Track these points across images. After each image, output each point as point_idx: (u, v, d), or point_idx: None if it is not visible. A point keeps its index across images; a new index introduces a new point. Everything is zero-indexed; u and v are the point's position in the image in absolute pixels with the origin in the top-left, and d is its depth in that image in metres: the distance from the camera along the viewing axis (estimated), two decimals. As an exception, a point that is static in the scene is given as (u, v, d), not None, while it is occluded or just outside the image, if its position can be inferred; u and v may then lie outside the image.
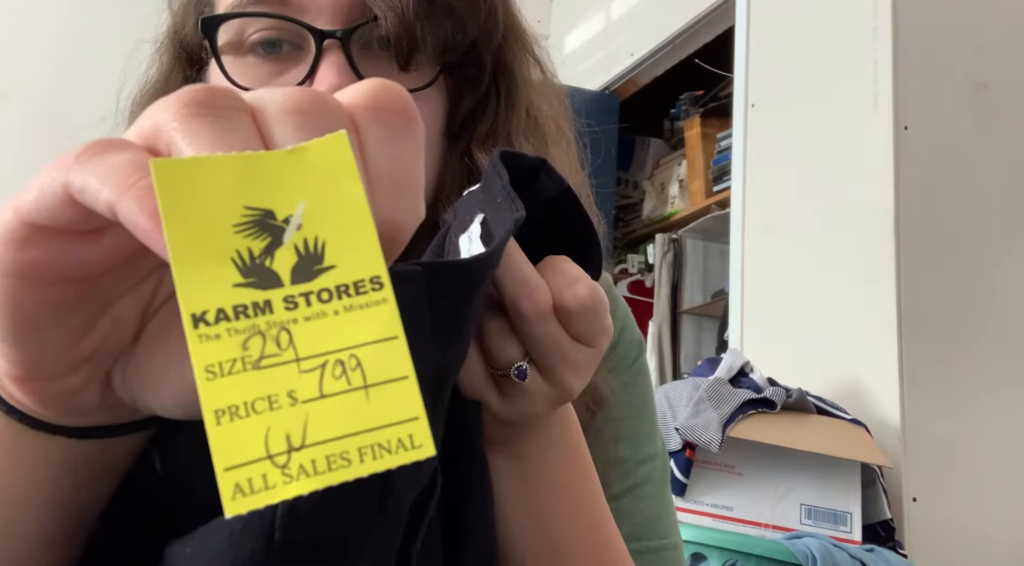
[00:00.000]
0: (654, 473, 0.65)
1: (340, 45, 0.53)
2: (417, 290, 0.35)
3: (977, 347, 1.83)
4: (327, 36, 0.53)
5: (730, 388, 1.57)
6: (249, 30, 0.55)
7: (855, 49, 1.95)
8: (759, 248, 2.12)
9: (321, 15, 0.54)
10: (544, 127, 0.62)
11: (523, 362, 0.42)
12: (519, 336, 0.42)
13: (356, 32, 0.54)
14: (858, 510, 1.54)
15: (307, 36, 0.54)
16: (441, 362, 0.38)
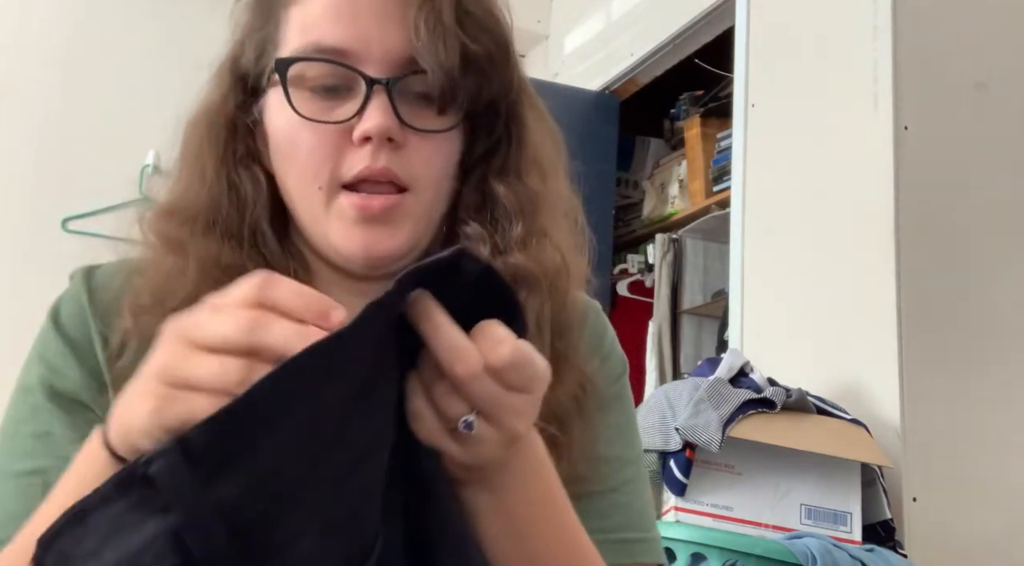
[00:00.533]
0: (641, 472, 0.76)
1: (386, 90, 0.65)
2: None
3: (977, 347, 1.83)
4: (376, 82, 0.65)
5: (730, 388, 1.57)
6: (312, 72, 0.67)
7: (855, 49, 1.95)
8: (759, 248, 2.12)
9: (373, 64, 0.66)
10: (544, 164, 0.73)
11: (470, 416, 0.50)
12: (462, 394, 0.50)
13: (400, 82, 0.66)
14: (858, 510, 1.54)
15: (359, 80, 0.66)
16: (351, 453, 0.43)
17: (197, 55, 0.77)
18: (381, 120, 0.65)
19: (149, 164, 2.92)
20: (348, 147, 0.66)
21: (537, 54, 3.55)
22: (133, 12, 3.06)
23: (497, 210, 0.71)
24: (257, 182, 0.72)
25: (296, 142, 0.68)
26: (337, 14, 0.66)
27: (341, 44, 0.66)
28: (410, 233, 0.68)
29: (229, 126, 0.72)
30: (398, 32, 0.66)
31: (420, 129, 0.67)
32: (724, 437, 1.46)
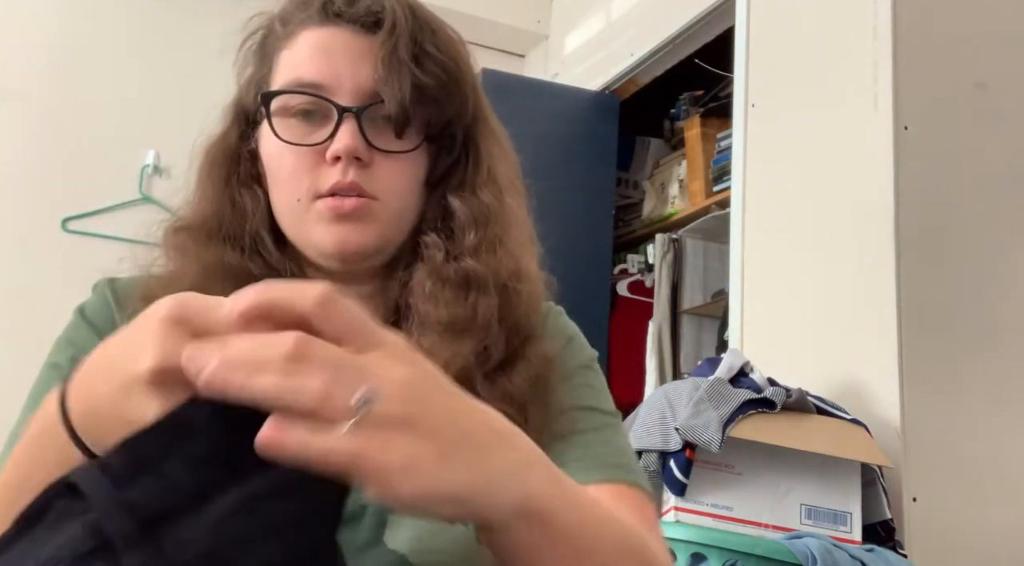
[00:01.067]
0: (619, 427, 0.83)
1: (355, 117, 0.77)
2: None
3: (977, 347, 1.83)
4: (346, 110, 0.77)
5: (730, 388, 1.57)
6: (293, 102, 0.80)
7: (855, 49, 1.95)
8: (759, 248, 2.12)
9: (344, 95, 0.78)
10: (500, 182, 0.84)
11: (357, 394, 0.44)
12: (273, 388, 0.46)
13: (368, 109, 0.78)
14: (858, 510, 1.54)
15: (333, 109, 0.78)
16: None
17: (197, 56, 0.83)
18: (349, 141, 0.76)
19: (149, 164, 2.92)
20: (323, 165, 0.78)
21: (537, 54, 3.55)
22: (133, 13, 3.06)
23: (453, 221, 0.82)
24: (256, 198, 0.84)
25: (281, 162, 0.80)
26: (316, 54, 0.79)
27: (317, 79, 0.78)
28: (379, 233, 0.79)
29: (231, 155, 0.85)
30: (366, 68, 0.78)
31: (383, 149, 0.78)
32: (724, 437, 1.46)
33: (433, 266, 0.79)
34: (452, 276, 0.79)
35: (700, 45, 2.78)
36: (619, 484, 0.76)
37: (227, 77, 0.88)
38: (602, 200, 3.06)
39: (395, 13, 0.79)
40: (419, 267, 0.80)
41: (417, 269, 0.80)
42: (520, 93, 3.02)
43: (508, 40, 3.52)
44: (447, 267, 0.79)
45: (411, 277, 0.80)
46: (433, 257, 0.80)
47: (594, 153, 3.06)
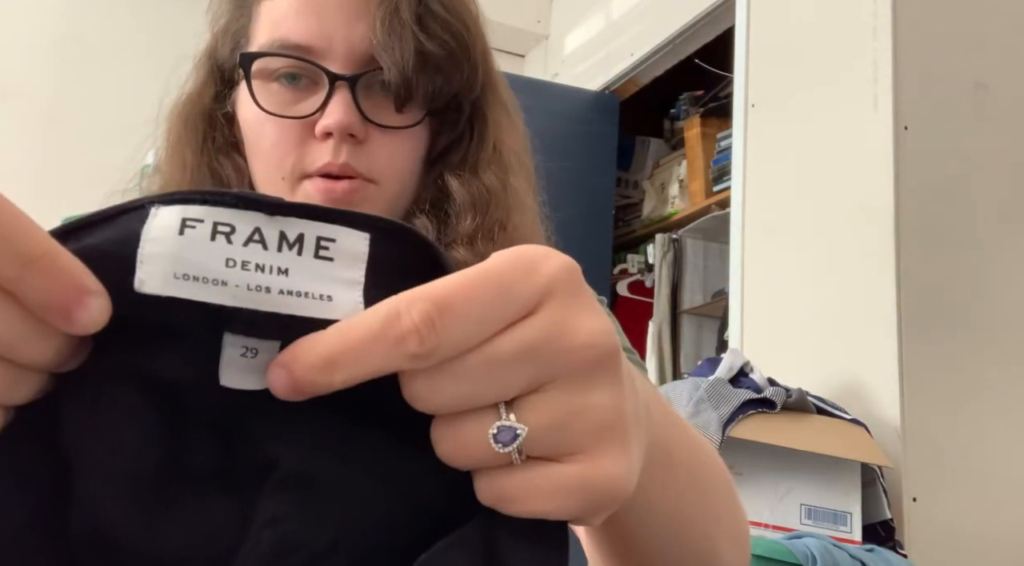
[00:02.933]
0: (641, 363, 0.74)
1: (348, 86, 0.66)
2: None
3: (977, 347, 1.83)
4: (339, 78, 0.66)
5: (730, 388, 1.57)
6: (276, 64, 0.68)
7: (855, 49, 1.95)
8: (759, 248, 2.12)
9: (336, 60, 0.67)
10: (506, 160, 0.74)
11: (497, 423, 0.32)
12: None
13: (363, 77, 0.67)
14: (858, 510, 1.54)
15: (323, 76, 0.67)
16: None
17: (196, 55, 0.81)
18: (342, 116, 0.66)
19: (149, 164, 2.92)
20: (311, 140, 0.68)
21: (537, 54, 3.55)
22: (133, 12, 3.06)
23: (449, 204, 0.71)
24: (239, 169, 0.73)
25: (261, 134, 0.70)
26: (303, 10, 0.68)
27: (305, 40, 0.67)
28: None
29: (206, 117, 0.74)
30: (361, 29, 0.67)
31: (381, 125, 0.68)
32: (724, 437, 1.46)
33: None
34: None
35: (700, 45, 2.78)
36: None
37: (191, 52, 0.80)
38: (602, 200, 3.06)
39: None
40: None
41: None
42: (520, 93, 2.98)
43: (508, 40, 3.53)
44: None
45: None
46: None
47: (594, 153, 3.06)
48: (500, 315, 0.29)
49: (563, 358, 0.30)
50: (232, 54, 0.73)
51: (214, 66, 0.75)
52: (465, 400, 0.29)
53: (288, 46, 0.68)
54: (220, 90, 0.74)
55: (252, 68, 0.69)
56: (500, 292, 0.29)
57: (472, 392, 0.29)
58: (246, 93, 0.70)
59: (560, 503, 0.30)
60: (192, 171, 0.73)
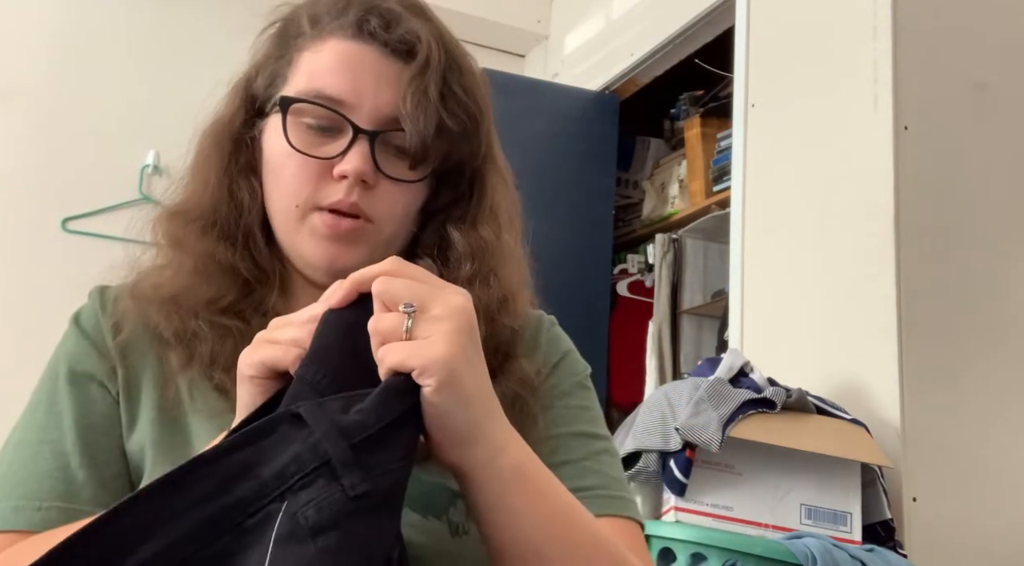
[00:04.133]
0: (610, 448, 0.84)
1: (368, 140, 0.78)
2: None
3: (977, 347, 1.83)
4: (362, 131, 0.78)
5: (730, 388, 1.57)
6: (310, 110, 0.79)
7: (855, 49, 1.95)
8: (759, 248, 2.12)
9: (362, 116, 0.78)
10: (500, 219, 0.85)
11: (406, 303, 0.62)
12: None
13: (382, 135, 0.78)
14: (858, 510, 1.54)
15: (348, 126, 0.78)
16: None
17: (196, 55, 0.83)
18: (359, 164, 0.77)
19: (149, 164, 2.92)
20: (327, 179, 0.79)
21: (537, 54, 3.55)
22: (133, 12, 3.06)
23: (451, 252, 0.83)
24: (253, 191, 0.83)
25: (285, 165, 0.80)
26: (341, 68, 0.79)
27: (339, 95, 0.78)
28: (368, 255, 0.80)
29: (235, 140, 0.85)
30: (388, 94, 0.78)
31: (391, 177, 0.79)
32: (724, 437, 1.46)
33: None
34: None
35: (700, 45, 2.78)
36: (613, 518, 0.78)
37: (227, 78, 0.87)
38: (602, 200, 3.06)
39: (430, 47, 0.80)
40: None
41: None
42: (520, 93, 3.02)
43: (508, 40, 3.52)
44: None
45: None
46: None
47: (594, 153, 3.06)
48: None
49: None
50: (268, 89, 0.83)
51: (248, 95, 0.85)
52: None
53: (324, 97, 0.79)
54: (249, 117, 0.85)
55: (289, 109, 0.80)
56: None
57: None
58: (275, 126, 0.81)
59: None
60: (214, 189, 0.83)
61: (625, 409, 2.67)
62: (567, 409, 0.83)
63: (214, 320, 0.79)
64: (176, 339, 0.79)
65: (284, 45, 0.84)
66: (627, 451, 1.54)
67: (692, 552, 1.40)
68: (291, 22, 0.84)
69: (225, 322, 0.79)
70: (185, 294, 0.79)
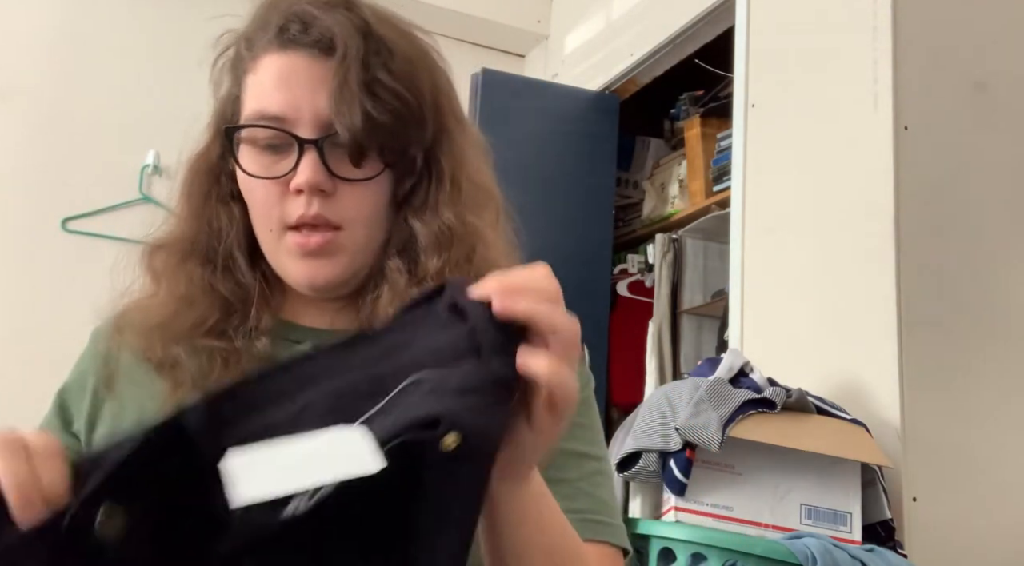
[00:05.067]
0: (606, 471, 0.85)
1: (315, 147, 0.78)
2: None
3: (977, 347, 1.83)
4: (306, 142, 0.78)
5: (730, 388, 1.57)
6: (258, 134, 0.81)
7: (855, 49, 1.95)
8: (759, 248, 2.12)
9: (305, 126, 0.79)
10: (465, 197, 0.84)
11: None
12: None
13: (327, 139, 0.78)
14: (858, 510, 1.54)
15: (294, 141, 0.79)
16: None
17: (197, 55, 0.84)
18: (310, 175, 0.78)
19: (149, 164, 2.92)
20: (288, 196, 0.80)
21: (537, 54, 3.55)
22: (133, 12, 3.06)
23: (415, 245, 0.82)
24: (232, 217, 0.85)
25: (252, 193, 0.82)
26: (277, 84, 0.80)
27: (279, 111, 0.79)
28: (347, 264, 0.81)
29: (212, 172, 0.86)
30: (323, 97, 0.78)
31: (345, 179, 0.79)
32: (724, 437, 1.45)
33: (396, 291, 0.80)
34: None
35: (700, 45, 2.77)
36: (599, 544, 0.79)
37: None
38: (602, 200, 3.06)
39: (345, 39, 0.79)
40: (384, 292, 0.81)
41: (383, 294, 0.81)
42: (520, 93, 3.02)
43: (508, 40, 3.52)
44: (409, 292, 0.79)
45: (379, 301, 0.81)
46: (396, 282, 0.81)
47: (594, 153, 3.06)
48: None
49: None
50: (231, 119, 0.85)
51: (220, 127, 0.86)
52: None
53: (265, 116, 0.80)
54: (225, 147, 0.85)
55: (237, 137, 0.82)
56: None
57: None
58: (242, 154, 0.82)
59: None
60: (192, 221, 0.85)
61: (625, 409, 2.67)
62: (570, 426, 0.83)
63: (199, 344, 0.81)
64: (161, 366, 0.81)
65: (235, 73, 0.85)
66: (627, 451, 1.54)
67: (692, 552, 1.40)
68: (235, 49, 0.86)
69: (211, 344, 0.81)
70: (170, 321, 0.81)
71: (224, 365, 0.79)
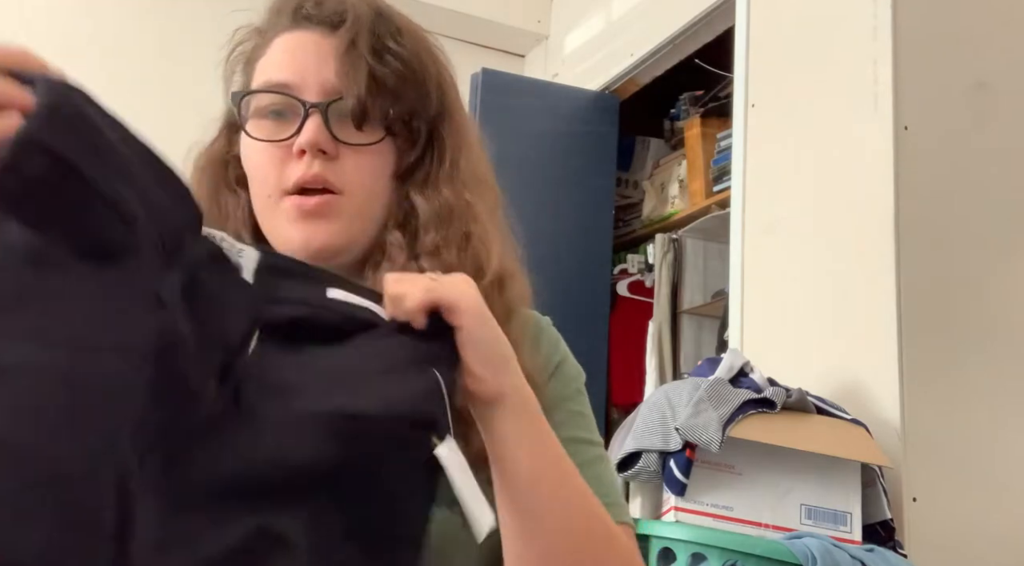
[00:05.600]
0: (604, 454, 0.87)
1: (320, 111, 0.79)
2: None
3: (977, 347, 1.83)
4: (312, 106, 0.79)
5: (730, 388, 1.57)
6: (265, 102, 0.82)
7: (855, 49, 1.95)
8: (759, 248, 2.12)
9: (311, 92, 0.80)
10: (464, 178, 0.84)
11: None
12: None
13: (333, 104, 0.79)
14: (858, 510, 1.54)
15: (300, 106, 0.80)
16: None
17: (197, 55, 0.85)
18: (312, 135, 0.78)
19: (149, 164, 2.92)
20: (290, 160, 0.80)
21: (537, 54, 3.55)
22: (132, 13, 3.06)
23: (416, 220, 0.82)
24: (238, 201, 0.86)
25: (253, 160, 0.83)
26: (284, 57, 0.82)
27: (285, 79, 0.81)
28: (344, 229, 0.81)
29: (218, 161, 0.88)
30: (330, 65, 0.80)
31: (347, 142, 0.80)
32: (724, 437, 1.46)
33: (395, 266, 0.80)
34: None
35: (700, 45, 2.77)
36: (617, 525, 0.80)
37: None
38: (602, 200, 3.06)
39: (357, 9, 0.82)
40: (384, 266, 0.81)
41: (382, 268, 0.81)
42: (520, 93, 3.02)
43: (508, 40, 3.52)
44: (409, 267, 0.79)
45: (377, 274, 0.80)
46: (395, 257, 0.81)
47: (594, 153, 3.06)
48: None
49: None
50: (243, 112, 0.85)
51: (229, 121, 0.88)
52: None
53: (272, 84, 0.81)
54: (232, 137, 0.87)
55: (247, 108, 0.83)
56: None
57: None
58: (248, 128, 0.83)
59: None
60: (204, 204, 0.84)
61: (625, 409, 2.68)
62: (568, 414, 0.84)
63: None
64: None
65: (248, 65, 0.87)
66: (627, 451, 1.54)
67: (692, 552, 1.40)
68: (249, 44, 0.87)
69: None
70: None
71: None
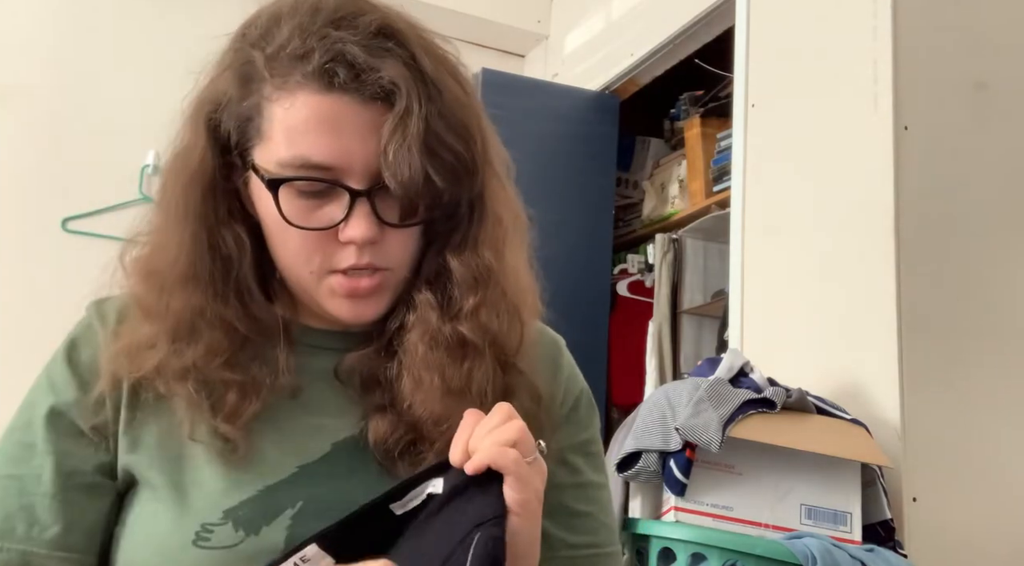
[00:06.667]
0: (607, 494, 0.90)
1: (368, 200, 0.75)
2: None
3: (977, 347, 1.83)
4: (360, 194, 0.75)
5: (730, 388, 1.57)
6: (301, 183, 0.75)
7: (855, 49, 1.95)
8: (759, 248, 2.12)
9: (354, 176, 0.75)
10: (501, 234, 0.82)
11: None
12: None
13: (377, 190, 0.75)
14: (858, 510, 1.54)
15: (344, 192, 0.75)
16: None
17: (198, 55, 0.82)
18: (366, 229, 0.75)
19: (149, 164, 2.92)
20: (334, 243, 0.77)
21: (537, 54, 3.55)
22: (133, 12, 3.06)
23: (451, 281, 0.80)
24: (241, 242, 0.80)
25: (286, 237, 0.78)
26: (321, 129, 0.74)
27: (327, 161, 0.74)
28: (390, 300, 0.81)
29: (210, 188, 0.79)
30: (374, 144, 0.74)
31: (393, 225, 0.77)
32: (724, 437, 1.45)
33: (426, 327, 0.79)
34: (447, 339, 0.78)
35: (700, 45, 2.77)
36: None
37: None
38: (602, 200, 3.06)
39: (408, 93, 0.74)
40: (413, 326, 0.80)
41: (411, 327, 0.80)
42: (520, 93, 3.02)
43: (508, 40, 3.52)
44: (442, 329, 0.78)
45: (405, 332, 0.80)
46: (427, 318, 0.79)
47: (594, 153, 3.06)
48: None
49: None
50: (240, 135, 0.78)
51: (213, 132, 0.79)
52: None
53: (312, 165, 0.74)
54: (225, 161, 0.79)
55: (279, 185, 0.76)
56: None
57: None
58: (265, 193, 0.77)
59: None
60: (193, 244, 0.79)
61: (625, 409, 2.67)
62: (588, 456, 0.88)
63: (212, 375, 0.77)
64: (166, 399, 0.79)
65: (246, 86, 0.77)
66: (627, 451, 1.54)
67: (692, 552, 1.40)
68: (246, 61, 0.77)
69: (225, 376, 0.77)
70: (167, 362, 0.77)
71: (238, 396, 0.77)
